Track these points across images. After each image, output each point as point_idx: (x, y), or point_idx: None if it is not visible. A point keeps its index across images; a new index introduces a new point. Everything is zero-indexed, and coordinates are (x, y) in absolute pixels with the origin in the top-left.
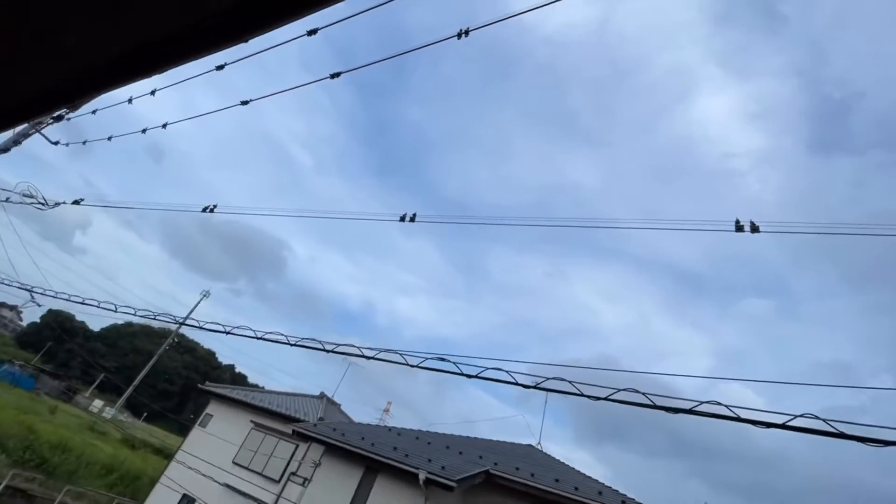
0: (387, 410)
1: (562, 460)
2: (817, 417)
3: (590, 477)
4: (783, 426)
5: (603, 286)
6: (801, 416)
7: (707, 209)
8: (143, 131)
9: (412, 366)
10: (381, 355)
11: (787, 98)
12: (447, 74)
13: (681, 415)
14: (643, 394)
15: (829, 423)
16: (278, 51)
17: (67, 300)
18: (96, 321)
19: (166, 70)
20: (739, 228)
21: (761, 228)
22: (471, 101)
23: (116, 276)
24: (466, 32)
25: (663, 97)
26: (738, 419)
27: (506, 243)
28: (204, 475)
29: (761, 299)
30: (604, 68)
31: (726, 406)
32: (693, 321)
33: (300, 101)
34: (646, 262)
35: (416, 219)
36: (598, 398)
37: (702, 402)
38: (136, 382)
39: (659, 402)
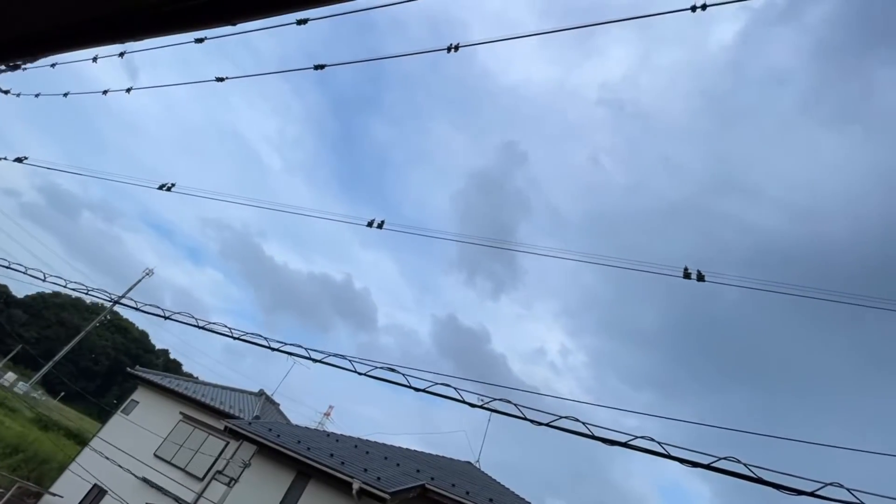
0: (328, 414)
1: (499, 480)
2: (739, 461)
3: (523, 499)
4: (707, 466)
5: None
6: (725, 458)
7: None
8: (105, 93)
9: (360, 373)
10: (328, 360)
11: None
12: (418, 102)
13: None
14: (583, 423)
15: (749, 467)
16: (258, 55)
17: None
18: (21, 287)
19: (145, 38)
20: (687, 275)
21: (707, 278)
22: (436, 128)
23: (57, 242)
24: (456, 48)
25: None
26: (668, 456)
27: (462, 265)
28: (120, 466)
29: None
30: (556, 123)
31: (658, 442)
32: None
33: (275, 106)
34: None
35: (384, 226)
36: (540, 423)
37: (636, 437)
38: (56, 358)
39: (597, 432)
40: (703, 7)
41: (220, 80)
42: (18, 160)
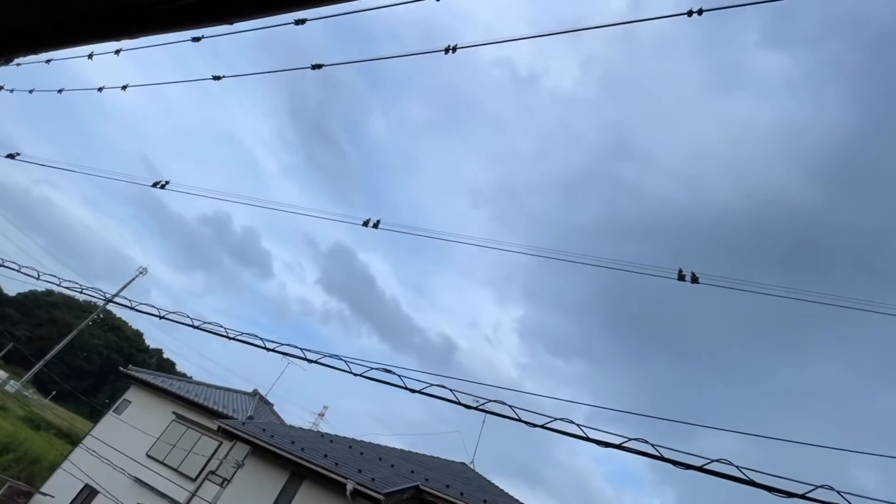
0: (322, 415)
1: (493, 482)
2: (731, 463)
3: (518, 500)
4: (700, 468)
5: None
6: (717, 460)
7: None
8: (100, 89)
9: (356, 374)
10: (324, 360)
11: None
12: (409, 109)
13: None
14: (578, 425)
15: (742, 469)
16: (256, 63)
17: None
18: (13, 285)
19: (139, 37)
20: (681, 277)
21: (701, 280)
22: (428, 136)
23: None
24: (454, 49)
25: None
26: (662, 458)
27: (454, 270)
28: (112, 466)
29: None
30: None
31: (652, 445)
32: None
33: (267, 110)
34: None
35: (380, 226)
36: (535, 425)
37: (630, 440)
38: (48, 356)
39: (592, 434)
40: (700, 12)
41: (216, 78)
42: (10, 156)
